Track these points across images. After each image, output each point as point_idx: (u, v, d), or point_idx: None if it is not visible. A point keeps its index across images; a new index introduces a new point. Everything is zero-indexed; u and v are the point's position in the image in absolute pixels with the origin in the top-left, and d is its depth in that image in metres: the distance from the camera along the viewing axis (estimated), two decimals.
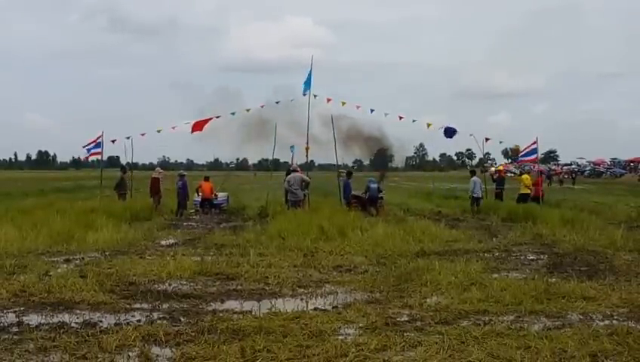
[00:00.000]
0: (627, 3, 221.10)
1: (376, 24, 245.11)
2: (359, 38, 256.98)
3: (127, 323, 7.03)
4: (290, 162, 26.30)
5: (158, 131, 26.63)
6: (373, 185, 21.87)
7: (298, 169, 22.01)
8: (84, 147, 24.56)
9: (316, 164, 39.56)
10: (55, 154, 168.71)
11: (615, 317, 7.42)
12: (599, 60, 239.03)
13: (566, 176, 67.88)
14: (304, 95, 21.62)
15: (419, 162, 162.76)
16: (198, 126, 22.60)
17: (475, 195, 22.91)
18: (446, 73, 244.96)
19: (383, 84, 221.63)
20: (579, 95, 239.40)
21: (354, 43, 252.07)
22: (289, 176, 20.68)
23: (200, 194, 23.35)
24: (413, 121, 24.91)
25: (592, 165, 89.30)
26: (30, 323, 7.13)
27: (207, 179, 23.83)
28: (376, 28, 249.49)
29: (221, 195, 24.77)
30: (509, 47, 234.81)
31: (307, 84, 21.53)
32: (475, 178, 23.46)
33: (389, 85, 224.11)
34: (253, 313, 7.50)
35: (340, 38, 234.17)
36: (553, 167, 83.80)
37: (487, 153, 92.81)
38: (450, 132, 23.93)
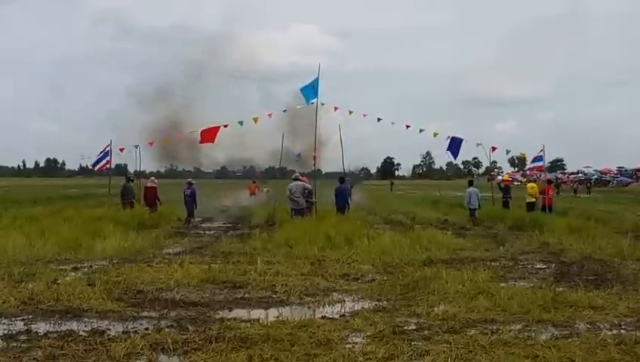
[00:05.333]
0: (634, 11, 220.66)
1: (382, 31, 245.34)
2: (366, 45, 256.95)
3: (135, 331, 7.05)
4: (296, 170, 26.47)
5: (166, 140, 26.86)
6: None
7: (300, 177, 21.97)
8: (93, 165, 24.82)
9: (323, 173, 39.71)
10: (64, 162, 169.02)
11: (623, 327, 7.40)
12: (606, 68, 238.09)
13: (579, 185, 67.30)
14: (308, 103, 21.53)
15: (426, 170, 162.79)
16: (208, 136, 22.61)
17: (471, 207, 22.73)
18: (453, 80, 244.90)
19: (390, 91, 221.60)
20: (586, 103, 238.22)
21: (361, 50, 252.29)
22: (291, 184, 20.63)
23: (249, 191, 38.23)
24: (421, 130, 25.00)
25: (598, 174, 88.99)
26: (38, 331, 7.15)
27: (254, 182, 40.30)
28: (382, 35, 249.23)
29: (265, 190, 36.68)
30: (516, 54, 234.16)
31: (309, 91, 21.37)
32: (471, 189, 23.05)
33: (395, 92, 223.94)
34: (260, 321, 7.50)
35: (347, 45, 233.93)
36: (559, 176, 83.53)
37: (494, 161, 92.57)
38: (454, 147, 23.89)
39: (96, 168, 25.94)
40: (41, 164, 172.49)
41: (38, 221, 18.24)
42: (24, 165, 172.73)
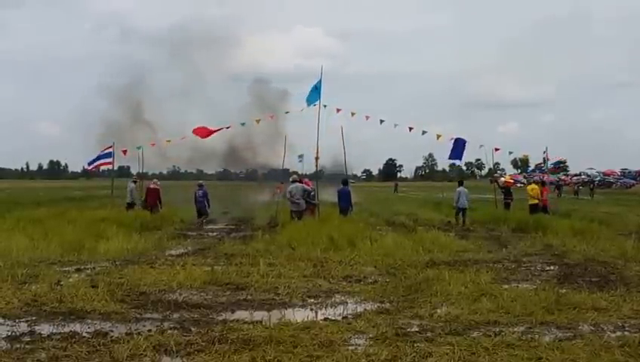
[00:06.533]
0: (636, 12, 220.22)
1: (384, 33, 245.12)
2: (369, 48, 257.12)
3: (138, 333, 7.04)
4: (300, 171, 26.58)
5: (168, 141, 27.01)
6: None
7: (297, 179, 21.98)
8: (89, 164, 24.88)
9: (325, 173, 39.84)
10: (66, 164, 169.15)
11: (627, 329, 7.39)
12: (609, 70, 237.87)
13: (582, 187, 66.99)
14: (310, 106, 21.49)
15: (428, 172, 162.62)
16: (203, 132, 22.77)
17: (460, 206, 22.74)
18: (455, 82, 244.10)
19: (392, 93, 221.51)
20: (588, 105, 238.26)
21: (363, 53, 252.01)
22: (290, 187, 20.75)
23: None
24: (424, 132, 24.94)
25: (602, 175, 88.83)
26: (42, 332, 7.16)
27: (282, 183, 32.36)
28: (385, 37, 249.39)
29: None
30: (518, 56, 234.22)
31: (313, 94, 21.39)
32: (460, 188, 23.21)
33: (398, 94, 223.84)
34: (263, 323, 7.49)
35: (349, 47, 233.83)
36: (562, 177, 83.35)
37: (497, 163, 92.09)
38: (458, 149, 23.87)
39: (90, 167, 26.00)
40: (45, 166, 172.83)
41: (41, 223, 18.24)
42: (27, 167, 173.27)
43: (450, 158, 24.50)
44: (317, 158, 22.24)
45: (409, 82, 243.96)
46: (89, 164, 26.06)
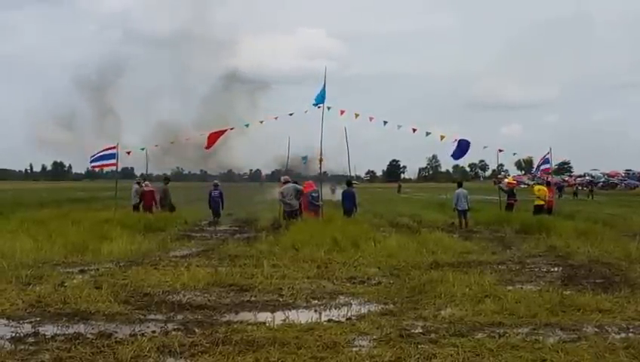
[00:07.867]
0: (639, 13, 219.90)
1: (388, 35, 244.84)
2: (372, 49, 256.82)
3: (142, 334, 7.06)
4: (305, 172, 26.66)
5: (172, 143, 27.11)
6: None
7: (290, 179, 22.03)
8: (91, 162, 24.84)
9: (329, 175, 39.84)
10: (70, 165, 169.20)
11: (631, 330, 7.37)
12: (612, 71, 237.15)
13: (582, 188, 66.89)
14: (317, 107, 21.52)
15: (432, 173, 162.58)
16: (212, 140, 22.72)
17: (459, 208, 22.68)
18: (458, 84, 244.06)
19: (395, 94, 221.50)
20: (592, 106, 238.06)
21: (367, 55, 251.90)
22: (283, 188, 20.85)
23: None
24: (427, 133, 24.91)
25: (606, 177, 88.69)
26: (46, 333, 7.17)
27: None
28: (387, 39, 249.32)
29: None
30: (521, 57, 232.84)
31: (319, 96, 21.45)
32: (459, 190, 23.00)
33: (401, 96, 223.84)
34: (267, 324, 7.49)
35: (352, 49, 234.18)
36: (566, 179, 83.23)
37: (501, 164, 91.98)
38: (460, 151, 23.79)
39: (92, 165, 25.88)
40: (48, 168, 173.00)
41: (45, 224, 18.28)
42: (31, 168, 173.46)
43: (453, 157, 24.37)
44: (321, 160, 22.30)
45: (411, 83, 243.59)
46: (91, 162, 26.00)
